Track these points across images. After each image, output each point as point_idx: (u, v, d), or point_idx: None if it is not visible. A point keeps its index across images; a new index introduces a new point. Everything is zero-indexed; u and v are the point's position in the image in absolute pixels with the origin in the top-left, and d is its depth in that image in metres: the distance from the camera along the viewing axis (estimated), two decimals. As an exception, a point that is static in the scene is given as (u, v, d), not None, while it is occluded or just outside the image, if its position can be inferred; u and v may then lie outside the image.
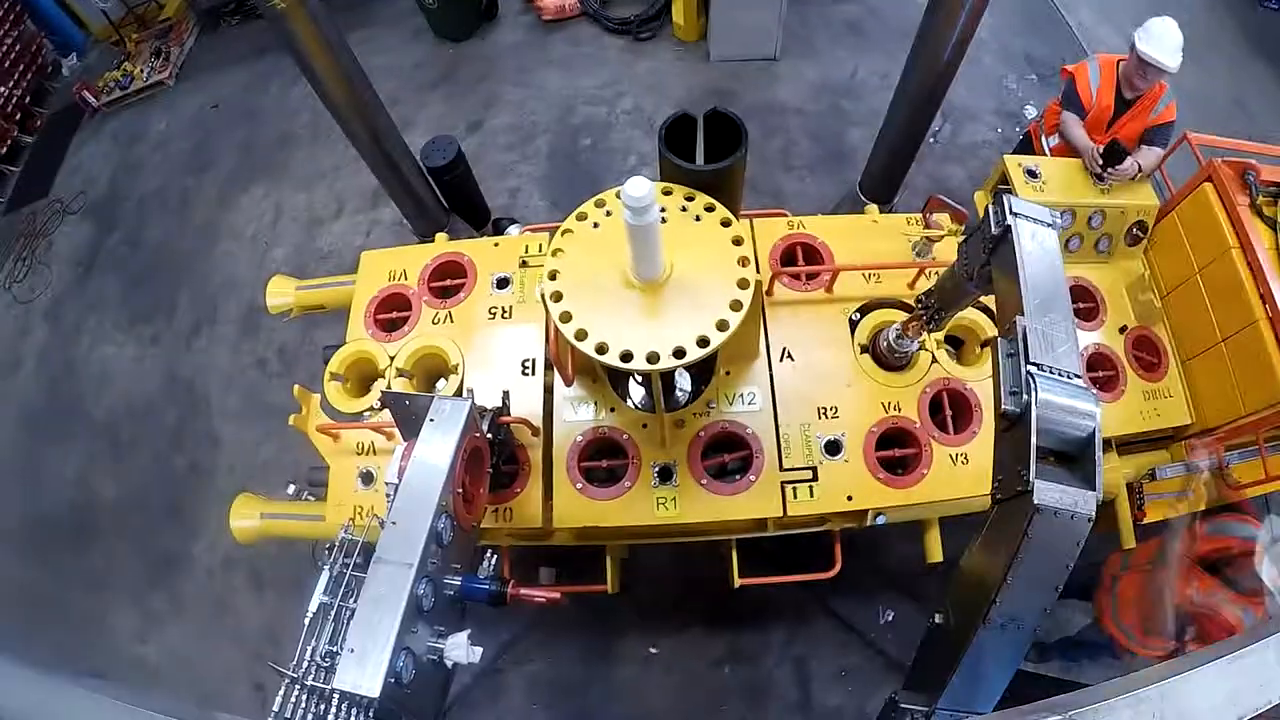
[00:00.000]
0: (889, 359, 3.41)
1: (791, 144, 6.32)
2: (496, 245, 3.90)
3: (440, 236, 4.13)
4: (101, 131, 7.91)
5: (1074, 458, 1.90)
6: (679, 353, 2.43)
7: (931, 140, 6.12)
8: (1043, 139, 4.58)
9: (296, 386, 3.76)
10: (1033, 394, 1.86)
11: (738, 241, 2.63)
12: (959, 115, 6.30)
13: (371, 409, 3.56)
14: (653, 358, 2.43)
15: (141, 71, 7.97)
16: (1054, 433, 1.86)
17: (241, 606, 5.29)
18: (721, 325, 2.47)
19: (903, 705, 1.99)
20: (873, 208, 4.06)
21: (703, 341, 2.44)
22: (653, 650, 4.61)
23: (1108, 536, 3.93)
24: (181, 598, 5.39)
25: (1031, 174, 3.96)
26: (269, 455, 5.60)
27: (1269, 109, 7.17)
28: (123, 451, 5.93)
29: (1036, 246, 2.25)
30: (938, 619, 2.07)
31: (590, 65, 7.13)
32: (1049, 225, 2.32)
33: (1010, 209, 2.29)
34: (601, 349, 2.46)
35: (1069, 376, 1.95)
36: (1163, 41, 3.87)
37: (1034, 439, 1.80)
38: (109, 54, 8.55)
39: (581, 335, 2.49)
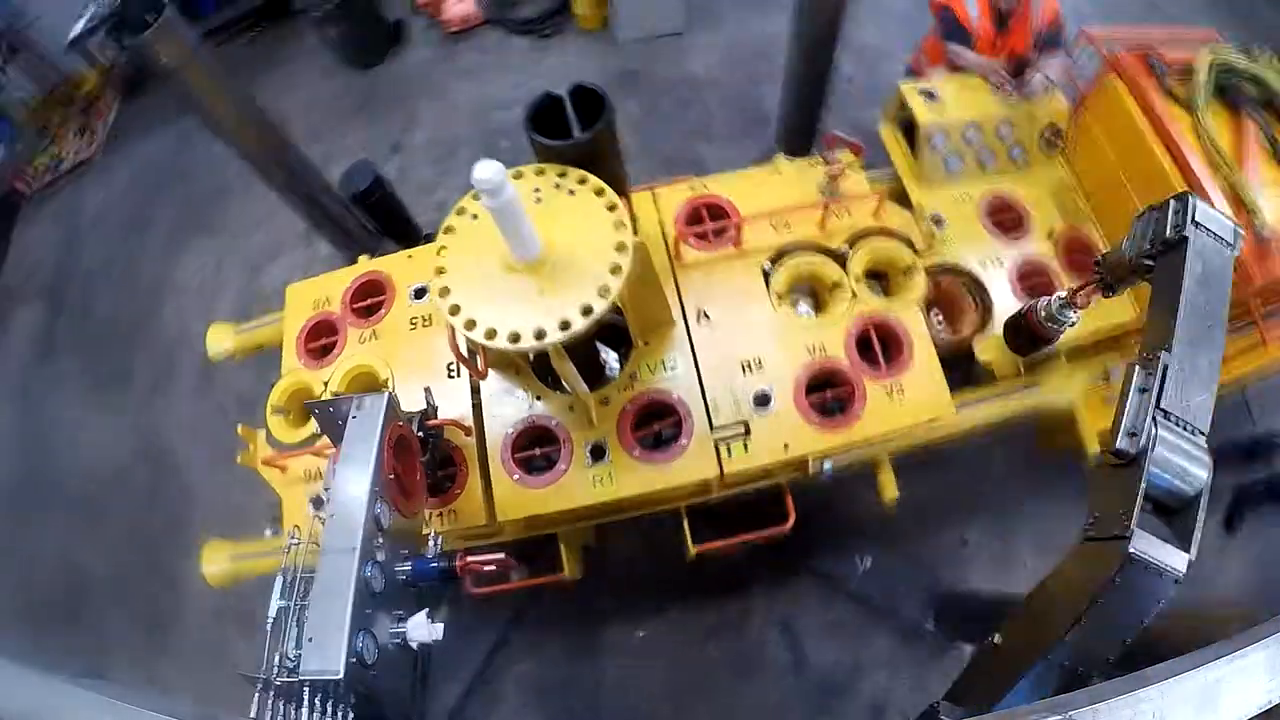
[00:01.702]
0: (1042, 330, 2.94)
1: (709, 114, 6.32)
2: (410, 257, 3.92)
3: (362, 259, 4.13)
4: (41, 214, 7.94)
5: (1174, 511, 1.86)
6: (564, 325, 2.43)
7: (846, 85, 6.10)
8: (927, 71, 4.56)
9: (240, 426, 3.78)
10: (1151, 442, 1.80)
11: (612, 208, 2.63)
12: (873, 55, 6.26)
13: (314, 435, 3.58)
14: (540, 334, 2.43)
15: (67, 151, 8.01)
16: (1161, 485, 1.82)
17: (237, 654, 5.30)
18: (603, 291, 2.47)
19: (942, 716, 1.91)
20: (779, 157, 4.04)
21: (586, 310, 2.44)
22: (639, 634, 4.62)
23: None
24: (181, 654, 5.41)
25: (930, 95, 3.94)
26: (241, 500, 5.56)
27: (1185, 10, 7.14)
28: (101, 520, 5.95)
29: (1207, 270, 2.07)
30: (997, 639, 2.00)
31: (500, 70, 7.14)
32: (1229, 247, 2.13)
33: (1193, 216, 2.10)
34: (490, 334, 2.47)
35: (1194, 433, 1.87)
36: None
37: (1143, 487, 1.76)
38: (36, 138, 8.58)
39: (471, 325, 2.50)
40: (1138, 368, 1.96)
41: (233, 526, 5.44)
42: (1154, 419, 1.82)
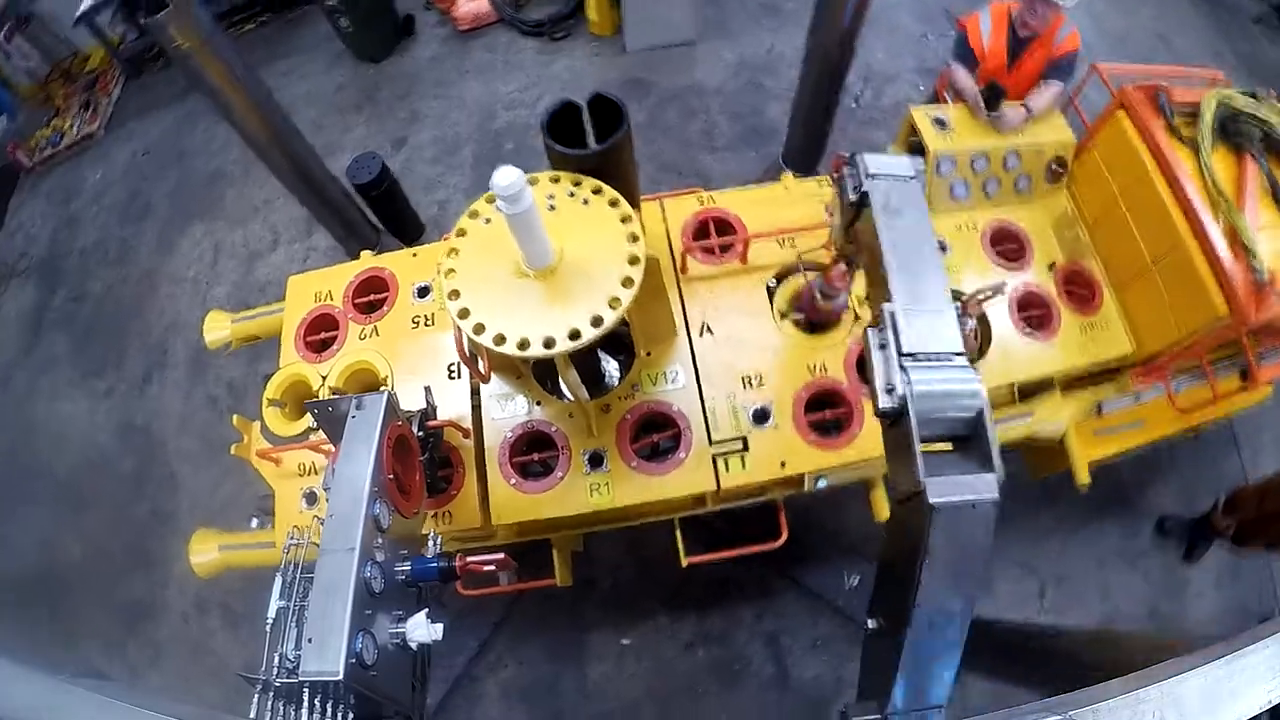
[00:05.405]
0: (823, 312, 3.39)
1: (713, 125, 6.35)
2: (415, 255, 3.91)
3: (365, 254, 4.12)
4: (38, 190, 7.86)
5: (967, 438, 1.80)
6: (574, 335, 2.43)
7: (854, 105, 6.16)
8: (947, 94, 4.60)
9: (235, 416, 3.77)
10: (908, 388, 1.74)
11: (626, 220, 2.64)
12: (880, 78, 6.33)
13: (310, 430, 3.56)
14: (549, 343, 2.43)
15: (71, 126, 7.94)
16: (940, 420, 1.76)
17: (218, 646, 5.26)
18: (614, 303, 2.48)
19: (853, 718, 1.89)
20: (788, 175, 4.07)
21: (596, 321, 2.45)
22: (624, 642, 4.62)
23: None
24: (159, 645, 5.36)
25: (940, 123, 3.95)
26: (229, 492, 5.57)
27: (1193, 43, 7.26)
28: (86, 506, 5.89)
29: (897, 208, 2.07)
30: (871, 625, 1.98)
31: (508, 70, 7.13)
32: (910, 179, 2.14)
33: (866, 170, 2.12)
34: (499, 340, 2.46)
35: (947, 358, 1.82)
36: None
37: (916, 437, 1.70)
38: (38, 111, 8.51)
39: (479, 329, 2.50)
40: (869, 330, 1.91)
41: (219, 517, 5.42)
42: (901, 367, 1.77)
